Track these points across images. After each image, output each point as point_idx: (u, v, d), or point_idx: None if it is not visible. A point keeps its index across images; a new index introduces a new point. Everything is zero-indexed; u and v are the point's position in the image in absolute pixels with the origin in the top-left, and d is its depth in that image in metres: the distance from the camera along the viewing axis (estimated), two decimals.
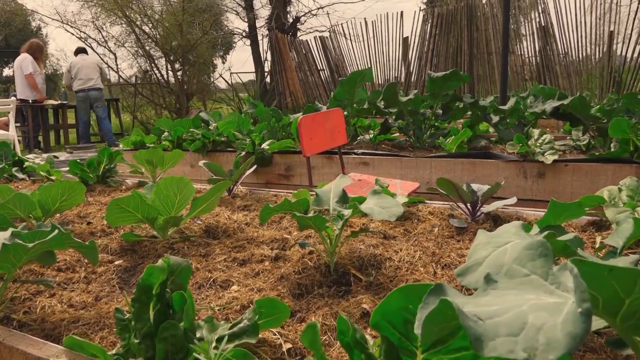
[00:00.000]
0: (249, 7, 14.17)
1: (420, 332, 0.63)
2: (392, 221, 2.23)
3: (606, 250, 1.43)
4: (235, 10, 14.44)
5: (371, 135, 4.89)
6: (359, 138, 4.87)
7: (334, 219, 1.70)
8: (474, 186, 2.13)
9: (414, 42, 11.66)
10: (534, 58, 10.63)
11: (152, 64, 12.70)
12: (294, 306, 1.52)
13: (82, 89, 8.76)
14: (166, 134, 4.89)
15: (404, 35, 11.91)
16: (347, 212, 1.60)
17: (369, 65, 12.28)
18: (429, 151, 4.10)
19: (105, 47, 12.82)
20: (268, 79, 13.77)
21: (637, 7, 9.27)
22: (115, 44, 12.93)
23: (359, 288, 1.61)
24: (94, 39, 12.68)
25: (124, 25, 12.33)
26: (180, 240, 2.08)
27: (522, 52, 10.94)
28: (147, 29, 12.21)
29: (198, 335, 1.20)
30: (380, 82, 12.16)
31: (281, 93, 12.73)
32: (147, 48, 12.59)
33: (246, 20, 14.29)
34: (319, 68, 12.90)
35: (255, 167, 2.80)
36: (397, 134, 5.01)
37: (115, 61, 13.24)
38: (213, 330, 1.25)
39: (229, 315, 1.45)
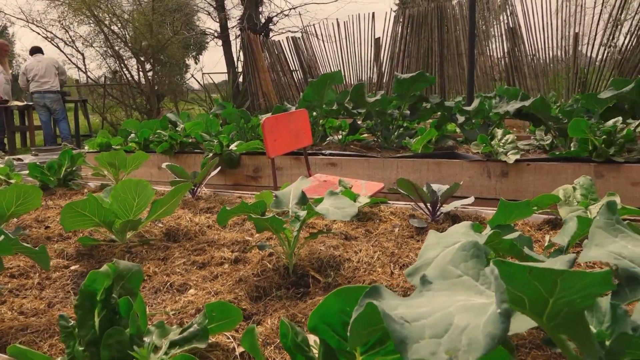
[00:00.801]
0: (220, 7, 14.06)
1: (349, 335, 0.63)
2: (354, 222, 2.24)
3: (554, 248, 1.46)
4: (207, 11, 14.31)
5: (341, 136, 4.90)
6: (328, 139, 4.88)
7: (292, 220, 1.70)
8: (434, 186, 2.15)
9: (386, 43, 11.75)
10: (502, 59, 10.81)
11: (122, 64, 12.50)
12: (250, 309, 1.51)
13: (37, 91, 8.61)
14: (133, 135, 4.82)
15: (376, 36, 11.98)
16: (302, 214, 1.60)
17: (342, 66, 12.32)
18: (397, 151, 4.13)
19: (72, 47, 12.56)
20: (241, 80, 13.67)
21: (601, 10, 9.54)
22: (83, 43, 12.68)
23: (317, 289, 1.61)
24: (61, 39, 12.41)
25: (92, 25, 12.10)
26: (139, 243, 2.05)
27: (492, 53, 11.13)
28: (116, 29, 12.01)
29: (147, 340, 1.18)
30: (353, 82, 12.20)
31: (254, 94, 12.66)
32: (117, 48, 12.38)
33: (217, 20, 14.18)
34: (291, 69, 12.87)
35: (219, 168, 2.78)
36: (367, 135, 5.03)
37: (83, 61, 12.99)
38: (164, 336, 1.23)
39: (183, 320, 1.44)
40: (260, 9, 14.43)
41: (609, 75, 9.76)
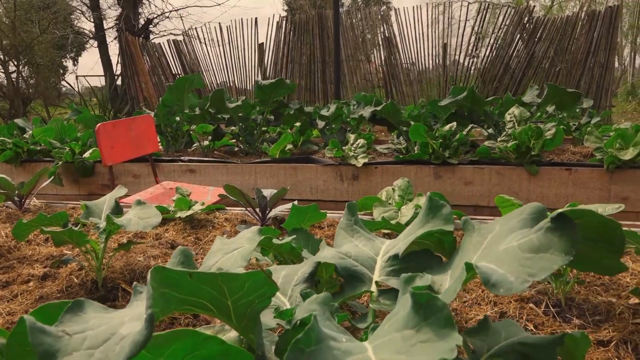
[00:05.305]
0: (94, 6, 13.27)
1: (5, 357, 0.60)
2: (186, 230, 2.21)
3: None
4: (80, 10, 13.45)
5: (208, 142, 4.83)
6: (194, 145, 4.78)
7: (100, 232, 1.63)
8: (265, 191, 2.18)
9: (269, 48, 11.82)
10: (381, 67, 11.34)
11: None
12: None
13: None
14: None
15: (260, 42, 12.01)
16: (102, 225, 1.54)
17: (226, 71, 12.21)
18: (260, 157, 4.15)
19: None
20: (120, 83, 13.01)
21: (465, 24, 10.43)
22: None
23: (125, 303, 1.56)
24: None
25: None
26: None
27: (375, 61, 11.66)
28: None
29: None
30: (238, 87, 12.14)
31: (134, 98, 12.10)
32: None
33: (92, 20, 13.37)
34: (174, 73, 12.49)
35: (52, 177, 2.60)
36: (234, 141, 5.00)
37: None
38: None
39: None
40: (139, 10, 13.83)
41: (473, 83, 10.63)
